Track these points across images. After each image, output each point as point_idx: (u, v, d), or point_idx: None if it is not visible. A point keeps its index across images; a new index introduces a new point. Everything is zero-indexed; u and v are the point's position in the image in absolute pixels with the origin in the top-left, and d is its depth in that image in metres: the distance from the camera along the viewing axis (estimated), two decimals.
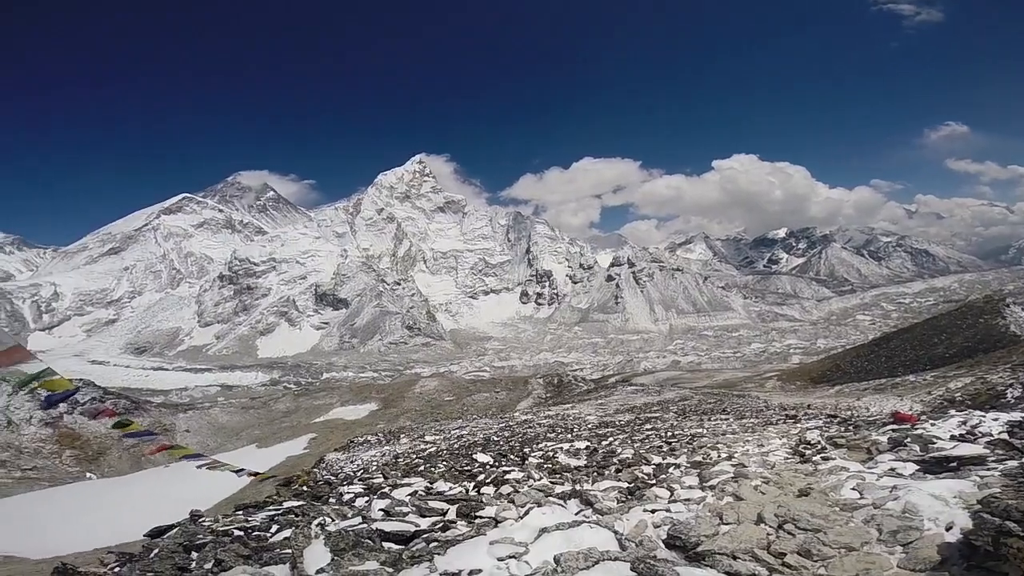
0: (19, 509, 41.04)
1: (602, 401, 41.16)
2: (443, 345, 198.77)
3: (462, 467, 11.45)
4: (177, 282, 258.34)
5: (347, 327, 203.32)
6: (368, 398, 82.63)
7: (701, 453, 9.39)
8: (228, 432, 72.36)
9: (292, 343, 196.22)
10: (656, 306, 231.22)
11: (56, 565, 6.09)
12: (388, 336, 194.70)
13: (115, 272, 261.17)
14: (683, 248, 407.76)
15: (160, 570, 5.33)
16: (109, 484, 51.86)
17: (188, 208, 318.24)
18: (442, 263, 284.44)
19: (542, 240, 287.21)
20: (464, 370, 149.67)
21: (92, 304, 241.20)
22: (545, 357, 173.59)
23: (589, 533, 4.61)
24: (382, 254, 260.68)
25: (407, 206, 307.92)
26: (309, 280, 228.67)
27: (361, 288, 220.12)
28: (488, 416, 45.67)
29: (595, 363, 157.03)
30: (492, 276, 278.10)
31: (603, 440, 14.16)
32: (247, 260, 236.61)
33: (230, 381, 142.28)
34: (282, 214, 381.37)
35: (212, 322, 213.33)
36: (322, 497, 9.17)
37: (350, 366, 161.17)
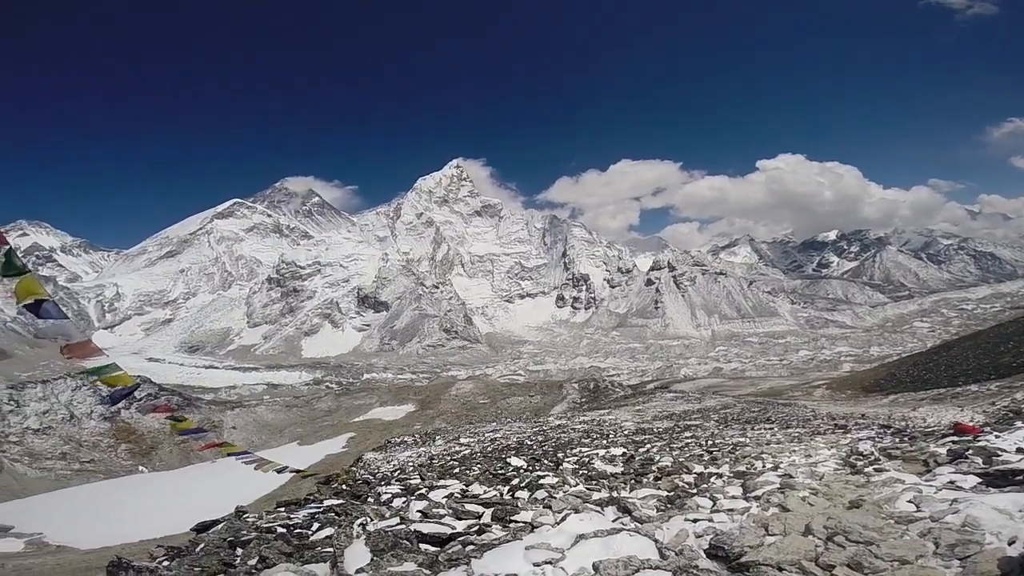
0: (75, 500, 43.64)
1: (639, 407, 40.41)
2: (479, 348, 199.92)
3: (496, 470, 11.44)
4: (228, 284, 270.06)
5: (387, 329, 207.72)
6: (406, 399, 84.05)
7: (745, 463, 9.17)
8: (272, 429, 75.09)
9: (335, 344, 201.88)
10: (698, 311, 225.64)
11: (111, 559, 6.38)
12: (426, 339, 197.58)
13: (172, 274, 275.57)
14: (727, 251, 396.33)
15: (207, 565, 5.45)
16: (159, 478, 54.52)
17: (239, 213, 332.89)
18: (479, 266, 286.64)
19: (579, 243, 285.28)
20: (499, 373, 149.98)
21: (150, 304, 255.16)
22: (581, 362, 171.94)
23: (628, 541, 4.54)
24: (421, 258, 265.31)
25: (445, 210, 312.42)
26: (352, 283, 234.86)
27: (401, 291, 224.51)
28: (522, 420, 45.51)
29: (633, 369, 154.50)
30: (528, 280, 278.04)
31: (640, 447, 13.93)
32: (293, 264, 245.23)
33: (276, 380, 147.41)
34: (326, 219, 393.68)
35: (260, 323, 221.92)
36: (361, 496, 9.29)
37: (389, 367, 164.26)
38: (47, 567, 19.49)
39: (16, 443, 54.00)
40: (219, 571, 5.27)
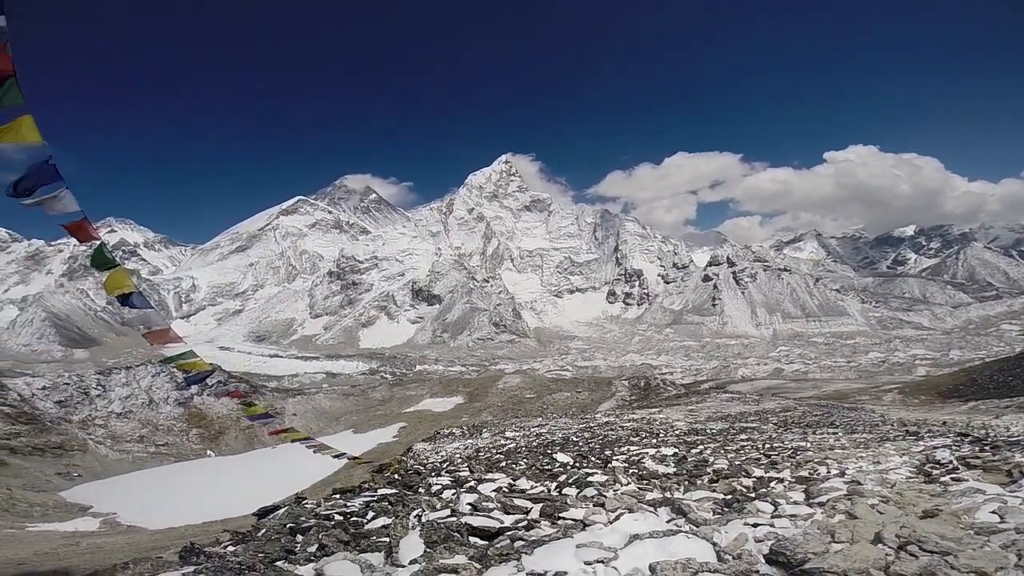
0: (148, 482, 46.88)
1: (692, 407, 39.21)
2: (527, 343, 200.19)
3: (542, 466, 11.32)
4: (293, 277, 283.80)
5: (439, 322, 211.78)
6: (455, 392, 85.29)
7: (807, 468, 8.83)
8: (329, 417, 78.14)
9: (390, 335, 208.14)
10: (759, 309, 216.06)
11: (184, 545, 6.71)
12: (476, 332, 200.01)
13: (242, 268, 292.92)
14: (791, 246, 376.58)
15: (269, 551, 5.62)
16: (224, 462, 57.82)
17: (302, 210, 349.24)
18: (528, 261, 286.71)
19: (632, 238, 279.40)
20: (546, 368, 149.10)
21: (222, 296, 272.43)
22: (632, 359, 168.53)
23: (685, 543, 4.45)
24: (472, 252, 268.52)
25: (495, 205, 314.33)
26: (407, 277, 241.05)
27: (453, 285, 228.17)
28: (568, 416, 45.02)
29: (687, 367, 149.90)
30: (578, 275, 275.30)
31: (693, 448, 13.47)
32: (352, 258, 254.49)
33: (334, 369, 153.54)
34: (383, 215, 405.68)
35: (321, 314, 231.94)
36: (413, 486, 9.41)
37: (440, 359, 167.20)
38: (117, 546, 20.97)
39: (101, 426, 58.76)
40: (281, 557, 5.44)
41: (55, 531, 25.22)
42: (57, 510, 32.16)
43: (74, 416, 58.10)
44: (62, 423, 55.51)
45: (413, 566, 4.51)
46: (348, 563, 4.66)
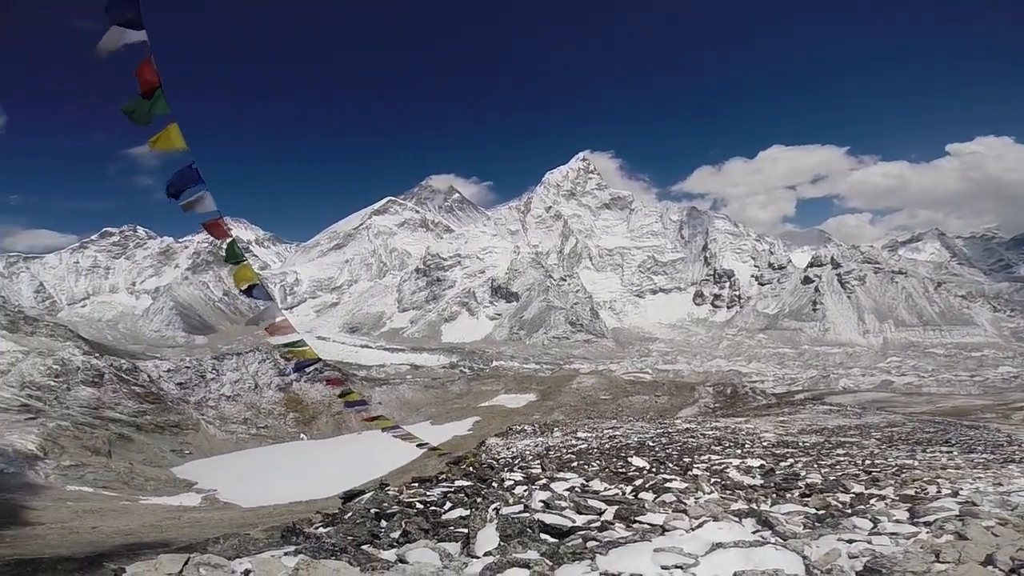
0: (247, 461, 51.06)
1: (784, 418, 36.99)
2: (604, 343, 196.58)
3: (616, 469, 11.23)
4: (383, 273, 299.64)
5: (516, 319, 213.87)
6: (529, 389, 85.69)
7: (914, 486, 8.39)
8: (410, 407, 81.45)
9: (470, 331, 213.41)
10: (867, 315, 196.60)
11: (286, 525, 7.14)
12: (552, 330, 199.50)
13: (338, 264, 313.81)
14: (908, 247, 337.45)
15: (357, 534, 5.93)
16: (315, 445, 61.90)
17: (392, 210, 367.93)
18: (607, 260, 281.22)
19: (722, 236, 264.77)
20: (624, 370, 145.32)
21: (321, 290, 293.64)
22: (718, 364, 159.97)
23: (773, 554, 4.24)
24: (550, 251, 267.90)
25: (573, 203, 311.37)
26: (487, 274, 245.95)
27: (530, 283, 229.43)
28: (645, 420, 44.05)
29: (780, 376, 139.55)
30: (662, 275, 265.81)
31: (782, 461, 12.89)
32: (437, 256, 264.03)
33: (418, 361, 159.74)
34: (465, 213, 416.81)
35: (408, 308, 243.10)
36: (487, 480, 9.61)
37: (516, 356, 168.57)
38: (212, 521, 22.89)
39: (212, 407, 65.25)
40: (367, 541, 5.73)
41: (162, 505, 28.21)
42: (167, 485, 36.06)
43: (191, 397, 65.07)
44: (181, 404, 62.33)
45: (487, 558, 4.62)
46: (428, 551, 4.83)
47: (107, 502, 25.97)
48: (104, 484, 30.96)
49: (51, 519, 20.04)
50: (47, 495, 25.54)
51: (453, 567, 4.45)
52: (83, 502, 24.57)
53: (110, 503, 25.73)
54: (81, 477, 31.13)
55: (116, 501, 26.92)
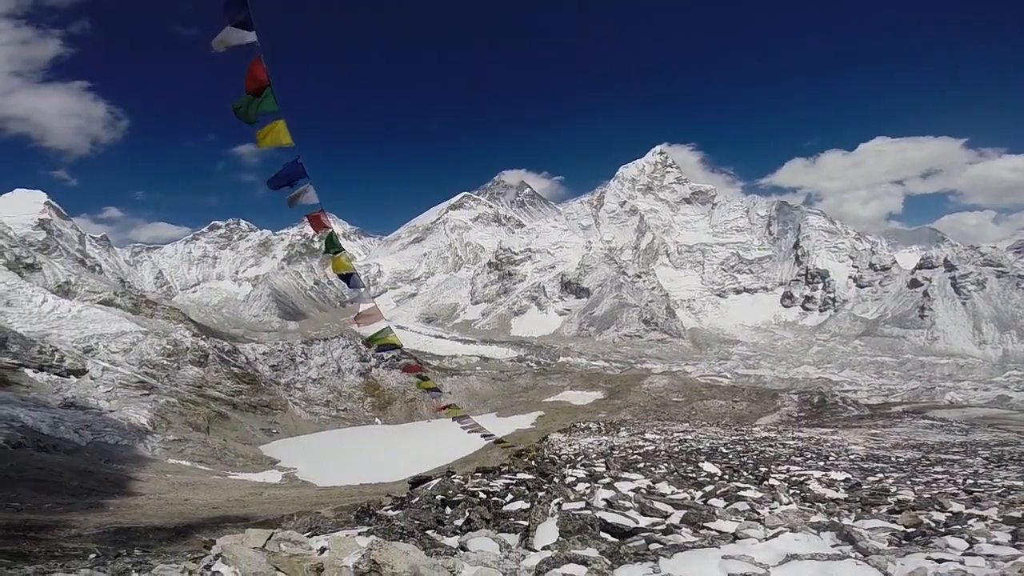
0: (326, 443, 54.72)
1: (877, 431, 35.15)
2: (680, 343, 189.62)
3: (686, 473, 11.02)
4: (458, 266, 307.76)
5: (586, 315, 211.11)
6: (596, 386, 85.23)
7: (1021, 508, 7.74)
8: (478, 398, 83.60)
9: (539, 325, 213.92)
10: (985, 324, 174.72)
11: (360, 505, 7.87)
12: (624, 328, 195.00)
13: (417, 257, 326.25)
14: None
15: (424, 519, 6.23)
16: (387, 430, 65.23)
17: (467, 205, 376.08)
18: (687, 257, 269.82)
19: (816, 234, 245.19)
20: (700, 372, 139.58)
21: (401, 281, 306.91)
22: (806, 371, 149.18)
23: (852, 569, 4.02)
24: (624, 246, 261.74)
25: (650, 198, 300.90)
26: (557, 269, 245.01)
27: (602, 279, 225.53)
28: (719, 425, 42.71)
29: (876, 386, 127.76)
30: (747, 273, 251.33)
31: (870, 475, 12.21)
32: (509, 250, 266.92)
33: (487, 353, 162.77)
34: (536, 208, 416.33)
35: (480, 301, 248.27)
36: (548, 475, 9.70)
37: (584, 353, 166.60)
38: (289, 498, 24.93)
39: (300, 389, 70.60)
40: (432, 526, 6.00)
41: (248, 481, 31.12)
42: (255, 462, 39.66)
43: (282, 379, 70.87)
44: (272, 385, 68.13)
45: (545, 552, 4.62)
46: (489, 540, 4.92)
47: (201, 476, 29.11)
48: (200, 459, 34.62)
49: (151, 490, 22.80)
50: (151, 467, 29.08)
51: (512, 558, 4.50)
52: (180, 475, 27.75)
53: (203, 477, 28.82)
54: (182, 451, 35.07)
55: (209, 475, 30.07)
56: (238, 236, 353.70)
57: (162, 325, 68.66)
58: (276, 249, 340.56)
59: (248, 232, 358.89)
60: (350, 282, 8.74)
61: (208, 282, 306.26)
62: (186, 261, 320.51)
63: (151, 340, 57.29)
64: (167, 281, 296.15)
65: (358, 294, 9.23)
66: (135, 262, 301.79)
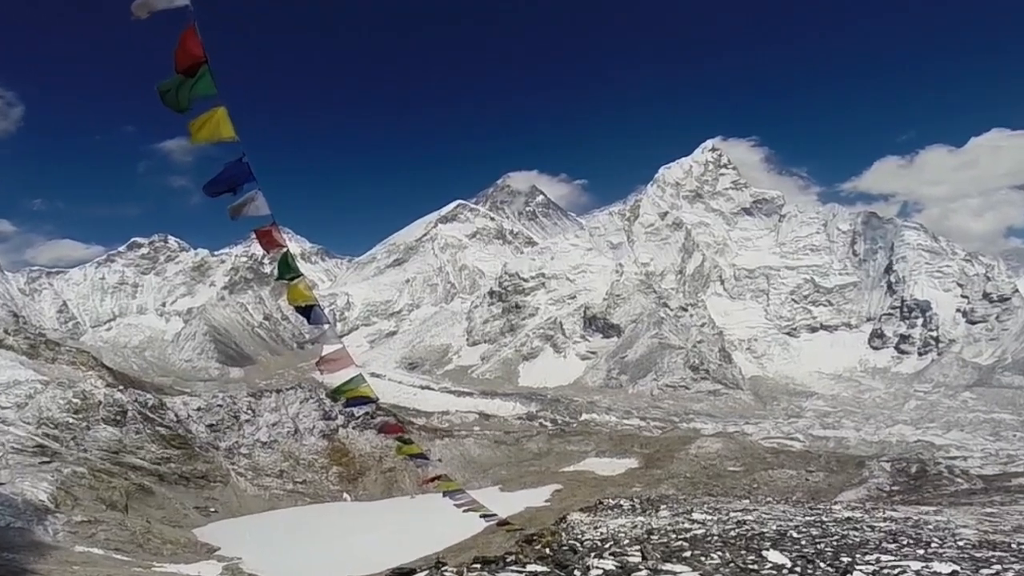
0: (280, 524, 54.55)
1: (994, 511, 34.95)
2: (738, 396, 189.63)
3: (745, 564, 11.20)
4: (451, 296, 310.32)
5: (616, 360, 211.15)
6: (628, 451, 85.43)
7: None
8: (477, 467, 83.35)
9: (555, 373, 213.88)
10: None
11: None
12: (665, 376, 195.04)
13: (398, 284, 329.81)
14: None
15: None
16: (360, 508, 64.98)
17: (462, 216, 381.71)
18: (747, 284, 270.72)
19: (914, 254, 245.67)
20: (763, 433, 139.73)
21: (377, 315, 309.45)
22: (901, 432, 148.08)
23: None
24: (665, 271, 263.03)
25: (699, 208, 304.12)
26: (579, 300, 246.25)
27: (637, 313, 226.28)
28: (789, 503, 43.07)
29: (992, 451, 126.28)
30: (824, 305, 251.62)
31: (983, 566, 12.31)
32: (516, 275, 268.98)
33: (489, 409, 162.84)
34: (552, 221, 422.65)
35: (479, 341, 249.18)
36: (567, 567, 9.81)
37: (614, 408, 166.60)
38: None
39: (246, 455, 70.81)
40: None
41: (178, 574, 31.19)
42: (187, 550, 39.67)
43: (222, 442, 71.12)
44: (210, 450, 68.34)
45: None
46: None
47: (117, 568, 29.20)
48: (117, 546, 34.74)
49: None
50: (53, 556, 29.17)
51: None
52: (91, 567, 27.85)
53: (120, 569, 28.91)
54: (92, 536, 35.19)
55: (127, 567, 30.18)
56: (165, 257, 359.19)
57: (67, 372, 69.43)
58: (215, 274, 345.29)
59: (178, 252, 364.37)
60: (310, 317, 8.87)
61: (127, 317, 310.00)
62: (98, 290, 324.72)
63: (52, 392, 57.82)
64: (73, 315, 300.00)
65: (321, 332, 9.41)
66: (32, 291, 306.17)
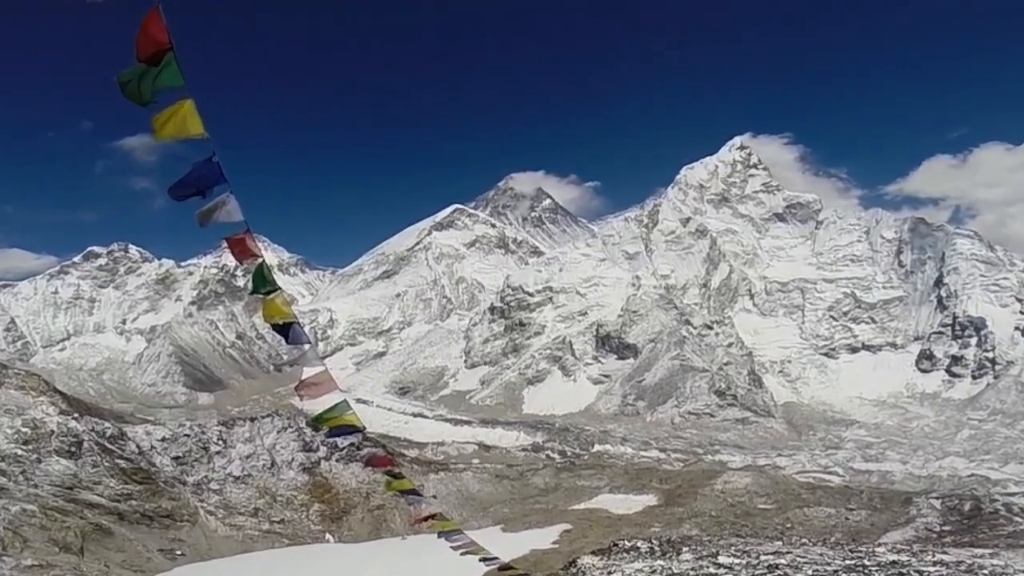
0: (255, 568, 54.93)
1: None
2: (769, 425, 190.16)
3: None
4: (447, 312, 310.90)
5: (633, 384, 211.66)
6: (646, 487, 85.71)
7: None
8: (476, 505, 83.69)
9: (563, 398, 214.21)
10: None
11: None
12: (687, 403, 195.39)
13: (387, 299, 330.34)
14: None
15: None
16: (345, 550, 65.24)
17: (459, 223, 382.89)
18: (780, 299, 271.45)
19: (968, 265, 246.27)
20: (798, 467, 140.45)
21: (364, 334, 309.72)
22: (953, 465, 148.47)
23: None
24: (688, 284, 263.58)
25: (725, 213, 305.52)
26: (590, 317, 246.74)
27: (656, 331, 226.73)
28: (827, 544, 43.82)
29: None
30: (867, 323, 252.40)
31: None
32: (520, 289, 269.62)
33: (489, 439, 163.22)
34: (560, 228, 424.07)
35: (479, 363, 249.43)
36: None
37: (630, 439, 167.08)
38: None
39: (216, 491, 71.19)
40: None
41: None
42: None
43: (190, 476, 71.54)
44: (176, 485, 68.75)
45: None
46: None
47: None
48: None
49: None
50: None
51: None
52: None
53: None
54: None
55: None
56: (126, 269, 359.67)
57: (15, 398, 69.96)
58: (181, 288, 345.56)
59: (140, 263, 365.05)
60: (289, 335, 8.73)
61: (83, 335, 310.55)
62: (50, 305, 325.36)
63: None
64: (22, 334, 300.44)
65: (300, 353, 9.31)
66: None
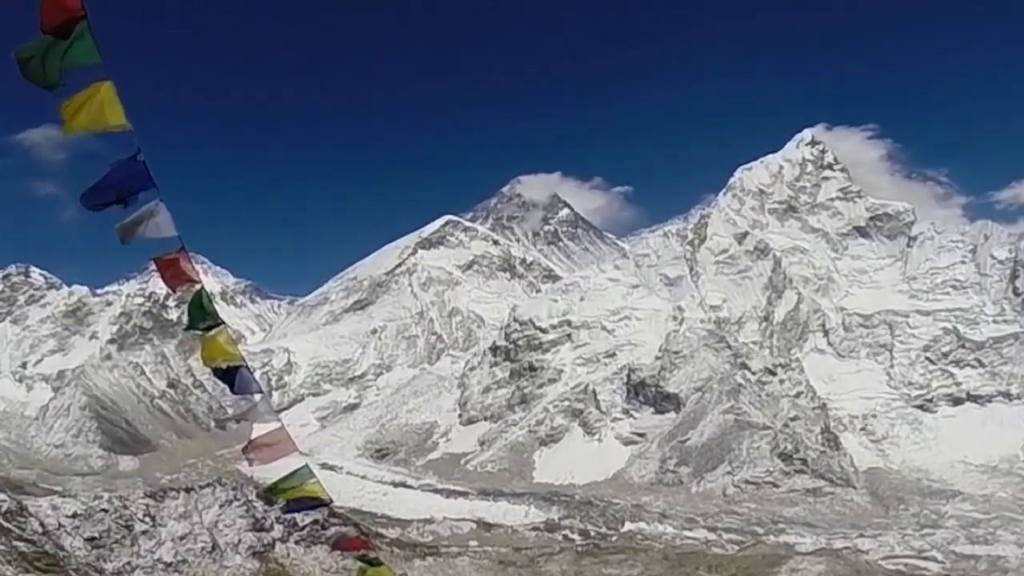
0: None
1: None
2: (848, 497, 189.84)
3: None
4: (437, 354, 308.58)
5: (674, 445, 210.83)
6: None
7: None
8: None
9: (585, 463, 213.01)
10: None
11: None
12: (743, 469, 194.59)
13: (360, 336, 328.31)
14: None
15: None
16: None
17: (452, 239, 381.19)
18: (862, 337, 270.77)
19: None
20: (886, 550, 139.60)
21: (330, 381, 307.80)
22: None
23: None
24: (744, 317, 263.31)
25: (792, 226, 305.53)
26: (620, 359, 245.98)
27: (704, 377, 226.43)
28: None
29: None
30: (973, 366, 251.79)
31: None
32: (530, 323, 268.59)
33: (490, 516, 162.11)
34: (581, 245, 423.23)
35: (478, 418, 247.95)
36: None
37: (670, 515, 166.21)
38: None
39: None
40: None
41: None
42: None
43: (108, 563, 71.63)
44: (91, 574, 69.11)
45: None
46: None
47: None
48: None
49: None
50: None
51: None
52: None
53: None
54: None
55: None
56: (26, 298, 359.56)
57: None
58: (97, 322, 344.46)
59: (45, 290, 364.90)
60: (234, 383, 8.66)
61: None
62: None
63: None
64: None
65: (250, 406, 9.22)
66: None
